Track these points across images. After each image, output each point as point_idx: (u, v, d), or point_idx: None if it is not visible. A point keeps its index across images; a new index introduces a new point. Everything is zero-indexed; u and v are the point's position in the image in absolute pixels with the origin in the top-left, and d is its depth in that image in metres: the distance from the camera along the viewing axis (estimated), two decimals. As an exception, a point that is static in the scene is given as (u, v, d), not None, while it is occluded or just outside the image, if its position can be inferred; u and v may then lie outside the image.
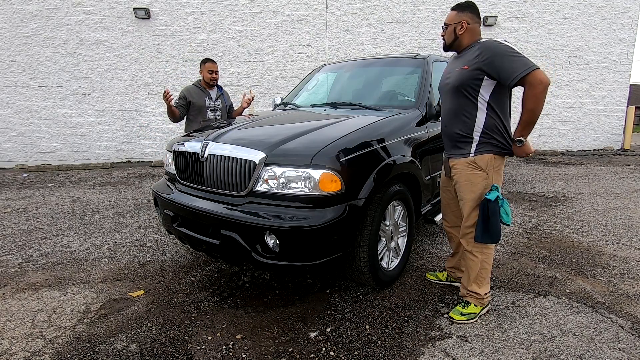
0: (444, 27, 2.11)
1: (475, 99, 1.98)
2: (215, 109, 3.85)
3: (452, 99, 2.07)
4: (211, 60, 3.82)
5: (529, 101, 1.84)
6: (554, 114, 9.72)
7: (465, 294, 2.19)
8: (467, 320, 2.07)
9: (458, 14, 2.03)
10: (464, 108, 2.02)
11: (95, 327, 2.09)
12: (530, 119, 1.89)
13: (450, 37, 2.09)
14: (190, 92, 3.78)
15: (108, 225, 3.97)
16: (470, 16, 2.02)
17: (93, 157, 8.83)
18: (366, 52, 9.07)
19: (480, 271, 2.12)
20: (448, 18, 2.08)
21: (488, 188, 2.01)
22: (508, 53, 1.85)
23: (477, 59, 1.93)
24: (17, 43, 8.23)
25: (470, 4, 2.04)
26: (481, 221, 1.99)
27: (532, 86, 1.82)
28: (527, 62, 1.83)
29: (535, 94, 1.81)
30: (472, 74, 1.94)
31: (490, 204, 1.95)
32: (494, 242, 2.02)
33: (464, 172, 2.07)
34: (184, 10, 8.50)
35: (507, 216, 1.98)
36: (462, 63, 2.02)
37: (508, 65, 1.84)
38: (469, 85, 1.97)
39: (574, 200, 4.72)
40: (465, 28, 2.02)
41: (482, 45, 1.94)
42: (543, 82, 1.80)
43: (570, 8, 9.23)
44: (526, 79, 1.82)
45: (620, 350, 1.83)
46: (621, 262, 2.86)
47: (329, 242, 1.98)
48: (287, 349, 1.89)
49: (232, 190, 2.12)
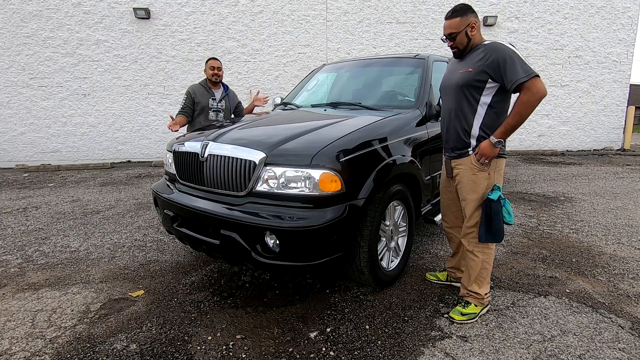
0: (452, 37, 2.02)
1: (477, 101, 1.99)
2: (218, 110, 3.84)
3: (454, 100, 2.08)
4: (214, 58, 3.85)
5: (522, 106, 1.85)
6: (554, 114, 9.72)
7: (466, 294, 2.19)
8: (467, 320, 2.07)
9: (462, 18, 1.99)
10: (466, 109, 2.03)
11: (95, 327, 2.09)
12: (516, 124, 1.90)
13: (463, 42, 2.03)
14: (195, 90, 3.79)
15: (108, 225, 3.97)
16: (474, 15, 2.02)
17: (93, 157, 8.82)
18: (366, 52, 9.07)
19: (481, 271, 2.13)
20: (453, 26, 2.00)
21: (490, 188, 2.02)
22: (512, 57, 1.86)
23: (481, 62, 1.93)
24: (17, 43, 8.23)
25: (467, 6, 2.02)
26: (484, 221, 2.00)
27: (529, 93, 1.83)
28: (528, 69, 1.84)
29: (530, 101, 1.83)
30: (477, 76, 1.95)
31: (492, 203, 1.96)
32: (497, 241, 2.03)
33: (467, 172, 2.07)
34: (184, 10, 8.50)
35: (509, 215, 1.99)
36: (466, 65, 2.02)
37: (510, 69, 1.85)
38: (472, 87, 1.98)
39: (574, 200, 4.72)
40: (476, 28, 2.01)
41: (486, 47, 1.95)
42: (540, 92, 1.81)
43: (570, 8, 9.22)
44: (525, 85, 1.83)
45: (620, 350, 1.83)
46: (621, 262, 2.86)
47: (329, 242, 1.98)
48: (287, 349, 1.89)
49: (232, 190, 2.12)
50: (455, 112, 2.08)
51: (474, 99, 1.99)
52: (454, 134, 2.11)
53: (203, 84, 3.86)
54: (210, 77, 3.80)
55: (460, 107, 2.05)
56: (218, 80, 3.84)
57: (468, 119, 2.03)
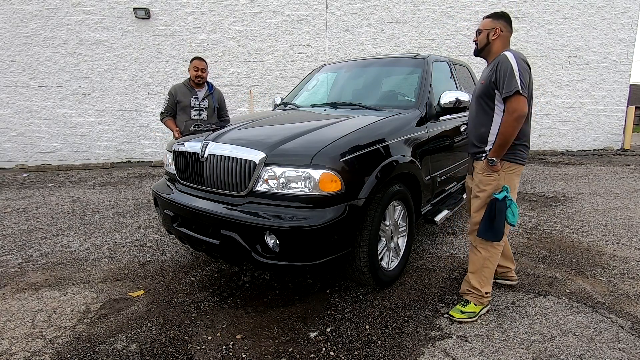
0: (478, 32, 2.19)
1: (492, 109, 2.10)
2: (200, 109, 3.78)
3: (474, 108, 2.23)
4: (199, 58, 3.75)
5: (503, 126, 2.00)
6: (554, 114, 9.72)
7: (466, 291, 2.21)
8: (466, 318, 2.08)
9: (493, 21, 2.13)
10: (482, 117, 2.16)
11: (95, 327, 2.09)
12: (503, 143, 2.02)
13: (482, 42, 2.17)
14: (177, 90, 3.77)
15: (108, 225, 3.97)
16: (504, 25, 2.13)
17: (93, 157, 8.82)
18: (366, 52, 9.07)
19: (483, 269, 2.16)
20: (482, 24, 2.17)
21: (499, 189, 2.10)
22: (507, 71, 1.95)
23: (490, 74, 2.06)
24: (17, 43, 8.23)
25: (504, 14, 2.15)
26: (487, 218, 2.08)
27: (507, 112, 1.97)
28: (511, 84, 1.91)
29: (508, 121, 1.96)
30: (488, 88, 2.08)
31: (497, 203, 2.03)
32: (496, 240, 2.08)
33: (479, 173, 2.19)
34: (184, 10, 8.51)
35: (513, 217, 2.06)
36: (483, 76, 2.17)
37: (502, 84, 1.97)
38: (486, 96, 2.11)
39: (574, 200, 4.72)
40: (498, 35, 2.12)
41: (495, 60, 2.07)
42: (517, 111, 1.92)
43: (570, 8, 9.23)
44: (506, 102, 1.96)
45: (620, 350, 1.83)
46: (621, 262, 2.86)
47: (329, 242, 1.98)
48: (287, 349, 1.89)
49: (232, 190, 2.12)
50: (474, 119, 2.23)
51: (489, 108, 2.11)
52: (472, 138, 2.26)
53: (186, 83, 3.82)
54: (194, 78, 3.74)
55: (478, 115, 2.18)
56: (201, 82, 3.77)
57: (484, 126, 2.14)
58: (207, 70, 3.82)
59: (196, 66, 3.71)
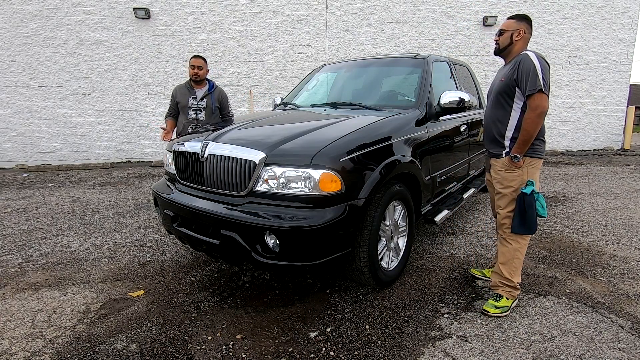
0: (500, 32, 2.23)
1: (511, 106, 2.14)
2: (198, 109, 3.72)
3: (493, 105, 2.26)
4: (196, 56, 3.72)
5: (526, 122, 2.03)
6: (554, 114, 9.71)
7: (498, 284, 2.24)
8: (501, 313, 2.13)
9: (517, 22, 2.18)
10: (501, 115, 2.19)
11: (95, 327, 2.09)
12: (525, 139, 2.04)
13: (505, 42, 2.22)
14: (177, 91, 3.79)
15: (108, 225, 3.97)
16: (527, 26, 2.19)
17: (93, 157, 8.82)
18: (366, 52, 9.07)
19: (513, 260, 2.20)
20: (505, 25, 2.22)
21: (524, 183, 2.13)
22: (530, 70, 1.99)
23: (511, 72, 2.09)
24: (17, 43, 8.23)
25: (527, 16, 2.21)
26: (518, 213, 2.12)
27: (529, 109, 2.01)
28: (535, 82, 1.96)
29: (530, 117, 2.00)
30: (507, 86, 2.12)
31: (526, 197, 2.07)
32: (530, 233, 2.13)
33: (501, 170, 2.21)
34: (184, 10, 8.50)
35: (542, 209, 2.09)
36: (502, 74, 2.20)
37: (525, 82, 2.00)
38: (506, 94, 2.15)
39: (574, 200, 4.72)
40: (522, 36, 2.18)
41: (516, 59, 2.10)
42: (539, 107, 1.97)
43: (570, 8, 9.23)
44: (529, 99, 1.99)
45: (620, 350, 1.83)
46: (621, 262, 2.86)
47: (329, 242, 1.98)
48: (287, 349, 1.88)
49: (232, 190, 2.12)
50: (492, 117, 2.26)
51: (507, 105, 2.15)
52: (491, 136, 2.28)
53: (187, 83, 3.80)
54: (191, 76, 3.70)
55: (497, 112, 2.22)
56: (198, 79, 3.72)
57: (503, 123, 2.18)
58: (206, 68, 3.77)
59: (193, 64, 3.67)
